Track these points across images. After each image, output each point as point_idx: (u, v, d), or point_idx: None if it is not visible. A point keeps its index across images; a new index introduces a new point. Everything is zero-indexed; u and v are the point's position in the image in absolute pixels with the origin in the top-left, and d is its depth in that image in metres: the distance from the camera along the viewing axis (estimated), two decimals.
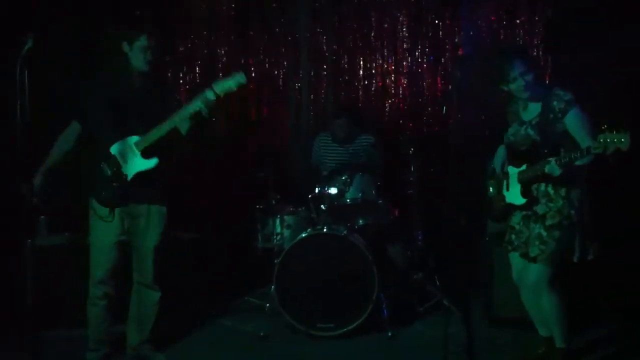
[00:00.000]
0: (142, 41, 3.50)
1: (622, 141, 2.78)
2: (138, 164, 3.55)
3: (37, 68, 2.97)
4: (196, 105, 3.43)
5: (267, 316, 4.42)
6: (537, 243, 3.31)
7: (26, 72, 2.89)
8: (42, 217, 4.48)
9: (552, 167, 3.09)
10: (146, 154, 3.54)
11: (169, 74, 5.88)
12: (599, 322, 4.19)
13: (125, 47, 3.52)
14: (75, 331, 4.10)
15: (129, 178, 3.55)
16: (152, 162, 3.55)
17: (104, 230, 3.61)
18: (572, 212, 3.27)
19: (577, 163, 3.06)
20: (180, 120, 3.50)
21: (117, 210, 3.59)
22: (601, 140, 2.82)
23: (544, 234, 3.29)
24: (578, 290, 4.01)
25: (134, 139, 3.54)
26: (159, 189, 3.68)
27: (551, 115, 3.25)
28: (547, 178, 3.24)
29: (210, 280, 4.96)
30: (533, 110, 3.36)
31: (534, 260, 3.34)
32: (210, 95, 3.40)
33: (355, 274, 4.21)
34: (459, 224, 3.31)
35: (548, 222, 3.29)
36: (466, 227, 3.55)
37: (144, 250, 3.69)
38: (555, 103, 3.24)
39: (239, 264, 5.23)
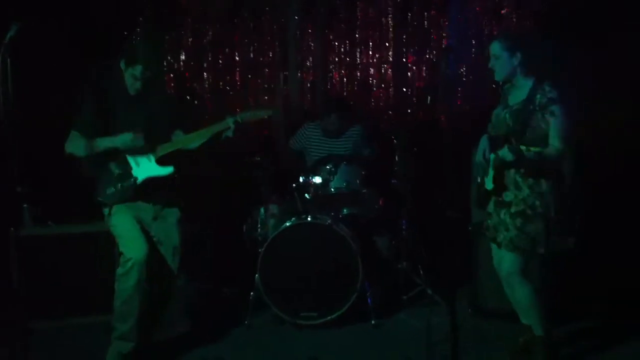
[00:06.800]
0: (135, 70, 3.56)
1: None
2: (152, 169, 3.64)
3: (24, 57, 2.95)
4: (222, 126, 3.62)
5: (252, 305, 4.43)
6: (502, 229, 3.38)
7: (9, 60, 2.87)
8: (25, 205, 4.42)
9: (505, 151, 3.13)
10: (161, 162, 3.64)
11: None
12: (584, 312, 4.20)
13: (121, 64, 3.60)
14: (63, 321, 4.14)
15: (138, 181, 3.62)
16: (167, 170, 3.66)
17: (126, 216, 3.64)
18: (537, 202, 3.28)
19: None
20: (199, 137, 3.67)
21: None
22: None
23: (509, 220, 3.34)
24: (563, 281, 4.06)
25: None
26: (173, 193, 3.78)
27: (531, 107, 3.25)
28: (517, 165, 3.27)
29: (196, 269, 4.94)
30: (518, 96, 3.36)
31: (499, 245, 3.41)
32: (234, 121, 3.60)
33: (339, 263, 4.23)
34: (445, 214, 3.34)
35: (512, 210, 3.34)
36: (452, 217, 3.58)
37: (169, 247, 3.76)
38: (538, 97, 3.25)
39: (225, 253, 5.22)
